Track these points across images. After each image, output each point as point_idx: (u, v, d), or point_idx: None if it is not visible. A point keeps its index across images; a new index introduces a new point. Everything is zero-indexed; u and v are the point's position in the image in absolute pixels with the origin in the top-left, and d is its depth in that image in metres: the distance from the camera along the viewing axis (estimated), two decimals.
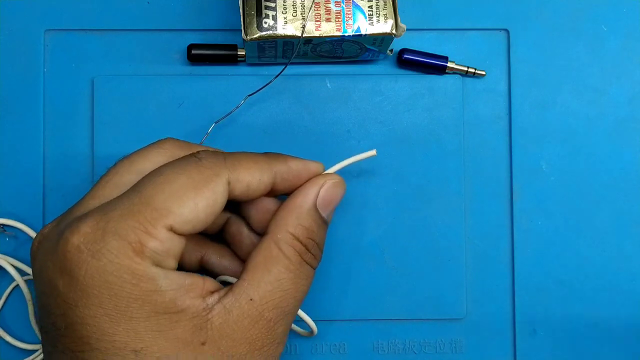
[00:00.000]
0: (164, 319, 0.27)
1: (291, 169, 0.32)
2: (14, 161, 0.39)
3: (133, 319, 0.27)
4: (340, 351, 0.39)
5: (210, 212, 0.29)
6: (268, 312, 0.29)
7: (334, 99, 0.39)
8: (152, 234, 0.27)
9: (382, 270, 0.39)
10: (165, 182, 0.28)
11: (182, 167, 0.29)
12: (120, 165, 0.31)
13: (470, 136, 0.40)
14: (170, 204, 0.28)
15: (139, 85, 0.39)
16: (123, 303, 0.27)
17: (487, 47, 0.40)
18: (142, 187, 0.28)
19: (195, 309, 0.28)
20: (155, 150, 0.32)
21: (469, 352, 0.39)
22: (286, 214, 0.31)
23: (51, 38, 0.39)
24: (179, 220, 0.28)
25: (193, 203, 0.28)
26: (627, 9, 0.40)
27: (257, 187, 0.31)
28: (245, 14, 0.35)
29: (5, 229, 0.38)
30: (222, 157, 0.30)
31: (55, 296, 0.28)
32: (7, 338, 0.38)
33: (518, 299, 0.39)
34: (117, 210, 0.28)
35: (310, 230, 0.31)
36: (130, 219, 0.27)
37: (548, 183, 0.40)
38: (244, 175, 0.30)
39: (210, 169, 0.29)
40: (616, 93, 0.40)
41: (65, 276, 0.27)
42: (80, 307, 0.27)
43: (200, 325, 0.28)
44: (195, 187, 0.28)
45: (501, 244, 0.40)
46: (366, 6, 0.35)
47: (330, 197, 0.32)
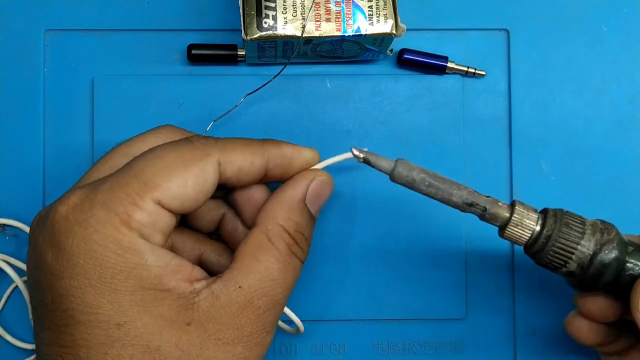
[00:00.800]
0: (149, 295, 0.27)
1: (284, 154, 0.32)
2: (14, 161, 0.39)
3: (118, 291, 0.27)
4: (340, 351, 0.39)
5: (200, 190, 0.29)
6: (257, 299, 0.29)
7: (334, 99, 0.39)
8: (139, 206, 0.28)
9: (382, 270, 0.39)
10: (156, 157, 0.29)
11: (173, 146, 0.30)
12: (117, 148, 0.32)
13: (470, 136, 0.40)
14: (158, 178, 0.28)
15: (139, 85, 0.39)
16: (108, 274, 0.27)
17: (487, 47, 0.40)
18: (133, 163, 0.29)
19: (182, 290, 0.28)
20: (153, 135, 0.32)
21: (469, 352, 0.39)
22: (276, 206, 0.31)
23: (51, 38, 0.39)
24: (167, 194, 0.28)
25: (182, 179, 0.28)
26: (627, 9, 0.40)
27: (248, 171, 0.31)
28: (245, 14, 0.35)
29: (6, 229, 0.38)
30: (214, 140, 0.31)
31: (44, 270, 0.28)
32: (7, 337, 0.38)
33: (518, 299, 0.39)
34: (107, 183, 0.28)
35: (299, 224, 0.31)
36: (118, 191, 0.28)
37: (548, 183, 0.40)
38: (235, 157, 0.30)
39: (200, 149, 0.30)
40: (616, 93, 0.40)
41: (53, 248, 0.27)
42: (66, 278, 0.27)
43: (186, 306, 0.28)
44: (185, 164, 0.29)
45: (501, 243, 0.40)
46: (366, 6, 0.35)
47: (319, 192, 0.32)
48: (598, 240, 0.30)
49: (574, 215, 0.31)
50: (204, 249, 0.34)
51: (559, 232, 0.30)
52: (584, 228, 0.30)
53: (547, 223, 0.30)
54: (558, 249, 0.30)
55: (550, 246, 0.30)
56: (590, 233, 0.30)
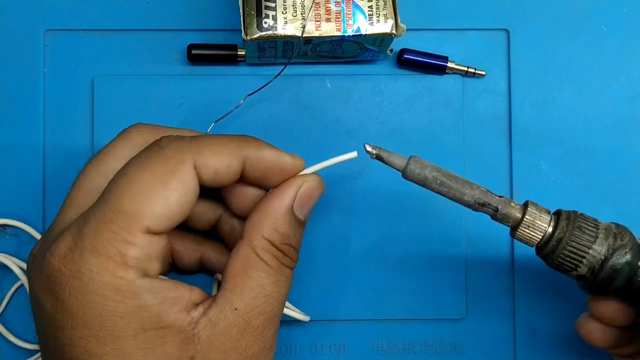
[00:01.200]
0: (151, 335, 0.27)
1: (263, 159, 0.30)
2: (14, 161, 0.39)
3: (120, 337, 0.27)
4: (340, 351, 0.39)
5: (184, 201, 0.28)
6: (255, 319, 0.29)
7: (334, 99, 0.39)
8: (130, 242, 0.27)
9: (382, 270, 0.39)
10: (130, 182, 0.27)
11: (143, 162, 0.28)
12: (89, 167, 0.31)
13: (470, 136, 0.40)
14: (140, 206, 0.27)
15: (139, 85, 0.39)
16: (109, 322, 0.26)
17: (487, 47, 0.40)
18: (109, 194, 0.27)
19: (181, 323, 0.27)
20: (121, 144, 0.31)
21: (469, 352, 0.39)
22: (262, 218, 0.30)
23: (51, 38, 0.39)
24: (154, 219, 0.27)
25: (163, 199, 0.27)
26: (627, 9, 0.40)
27: (225, 173, 0.29)
28: (245, 14, 0.35)
29: (6, 229, 0.38)
30: (187, 142, 0.29)
31: (45, 317, 0.27)
32: (10, 338, 0.38)
33: (518, 300, 0.39)
34: (90, 224, 0.27)
35: (286, 236, 0.30)
36: (104, 231, 0.27)
37: (548, 183, 0.40)
38: (210, 159, 0.29)
39: (173, 157, 0.28)
40: (616, 93, 0.40)
41: (51, 298, 0.27)
42: (68, 329, 0.27)
43: (188, 340, 0.27)
44: (162, 180, 0.27)
45: (501, 243, 0.40)
46: (366, 6, 0.35)
47: (308, 198, 0.31)
48: (611, 244, 0.30)
49: (588, 218, 0.30)
50: (204, 249, 0.33)
51: (571, 235, 0.30)
52: (597, 232, 0.30)
53: (560, 225, 0.30)
54: (569, 252, 0.30)
55: (562, 249, 0.30)
56: (603, 237, 0.30)
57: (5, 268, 0.38)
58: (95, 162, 0.31)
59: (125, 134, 0.31)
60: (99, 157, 0.31)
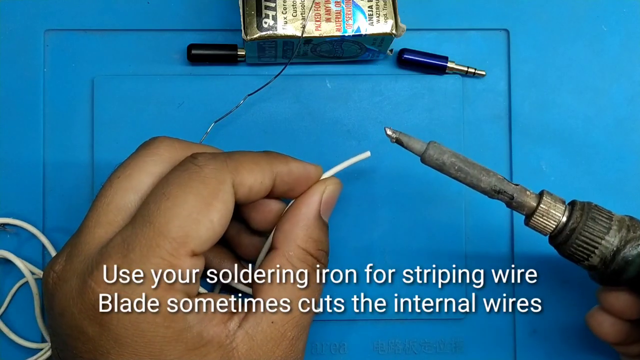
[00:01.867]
0: (195, 355, 0.27)
1: (292, 172, 0.31)
2: (14, 161, 0.39)
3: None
4: (340, 351, 0.39)
5: (225, 222, 0.28)
6: (290, 331, 0.29)
7: (334, 99, 0.39)
8: (177, 266, 0.27)
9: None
10: (175, 205, 0.27)
11: (186, 183, 0.28)
12: (117, 183, 0.29)
13: (470, 136, 0.40)
14: (187, 230, 0.27)
15: (139, 85, 0.39)
16: (157, 348, 0.27)
17: (487, 47, 0.40)
18: (152, 217, 0.27)
19: (219, 338, 0.28)
20: (151, 160, 0.30)
21: (469, 352, 0.39)
22: (293, 227, 0.30)
23: (51, 38, 0.39)
24: (199, 242, 0.27)
25: (208, 221, 0.27)
26: (627, 9, 0.40)
27: (258, 190, 0.30)
28: (245, 14, 0.35)
29: (7, 228, 0.38)
30: (224, 161, 0.29)
31: (84, 341, 0.27)
32: (11, 336, 0.38)
33: (518, 299, 0.39)
34: (136, 249, 0.27)
35: (319, 242, 0.31)
36: (152, 257, 0.26)
37: (548, 183, 0.40)
38: (246, 178, 0.29)
39: (214, 177, 0.28)
40: (616, 93, 0.40)
41: (95, 325, 0.27)
42: (113, 355, 0.27)
43: (228, 355, 0.28)
44: (206, 203, 0.27)
45: (501, 244, 0.40)
46: (366, 6, 0.35)
47: (331, 201, 0.32)
48: (623, 236, 0.30)
49: (602, 210, 0.31)
50: (207, 254, 0.33)
51: (584, 226, 0.30)
52: (610, 223, 0.30)
53: (574, 215, 0.30)
54: (581, 242, 0.30)
55: (574, 239, 0.30)
56: (616, 229, 0.30)
57: (5, 268, 0.38)
58: (123, 177, 0.29)
59: (153, 149, 0.30)
60: (127, 172, 0.30)
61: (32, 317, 0.38)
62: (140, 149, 0.31)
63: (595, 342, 0.39)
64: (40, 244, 0.38)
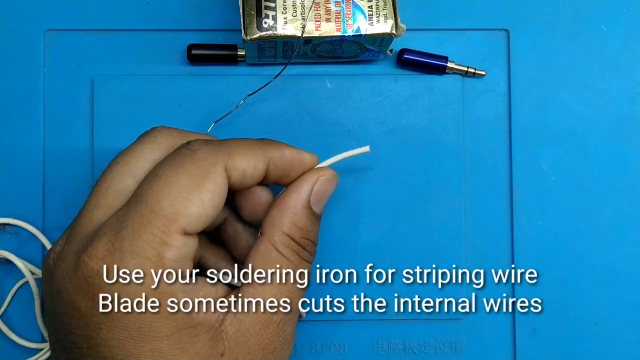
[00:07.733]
0: (185, 335, 0.28)
1: (285, 157, 0.32)
2: (14, 161, 0.39)
3: (157, 338, 0.27)
4: (340, 351, 0.39)
5: (217, 203, 0.29)
6: (277, 314, 0.30)
7: (334, 99, 0.39)
8: (168, 243, 0.27)
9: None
10: (167, 185, 0.28)
11: (178, 164, 0.29)
12: (116, 168, 0.30)
13: (470, 136, 0.40)
14: (178, 208, 0.27)
15: (139, 85, 0.39)
16: (146, 324, 0.27)
17: (487, 47, 0.40)
18: (145, 196, 0.28)
19: (209, 320, 0.28)
20: (149, 147, 0.31)
21: (469, 352, 0.39)
22: (280, 213, 0.31)
23: (51, 38, 0.39)
24: (190, 220, 0.28)
25: (199, 201, 0.28)
26: (627, 9, 0.40)
27: (252, 174, 0.30)
28: (245, 14, 0.35)
29: (6, 227, 0.38)
30: (216, 145, 0.30)
31: (77, 317, 0.28)
32: (11, 336, 0.38)
33: (518, 299, 0.39)
34: (129, 226, 0.27)
35: (305, 230, 0.31)
36: (143, 233, 0.27)
37: (548, 183, 0.40)
38: (239, 162, 0.30)
39: (206, 160, 0.29)
40: (616, 93, 0.40)
41: (88, 300, 0.27)
42: (104, 330, 0.27)
43: (217, 337, 0.28)
44: (197, 182, 0.28)
45: (501, 244, 0.40)
46: (366, 6, 0.35)
47: (324, 192, 0.32)
48: None
49: None
50: (204, 252, 0.34)
51: None
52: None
53: None
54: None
55: None
56: None
57: (5, 268, 0.38)
58: (122, 163, 0.30)
59: (151, 137, 0.31)
60: (125, 159, 0.31)
61: (32, 317, 0.38)
62: (140, 137, 0.32)
63: (595, 342, 0.39)
64: (40, 244, 0.38)
